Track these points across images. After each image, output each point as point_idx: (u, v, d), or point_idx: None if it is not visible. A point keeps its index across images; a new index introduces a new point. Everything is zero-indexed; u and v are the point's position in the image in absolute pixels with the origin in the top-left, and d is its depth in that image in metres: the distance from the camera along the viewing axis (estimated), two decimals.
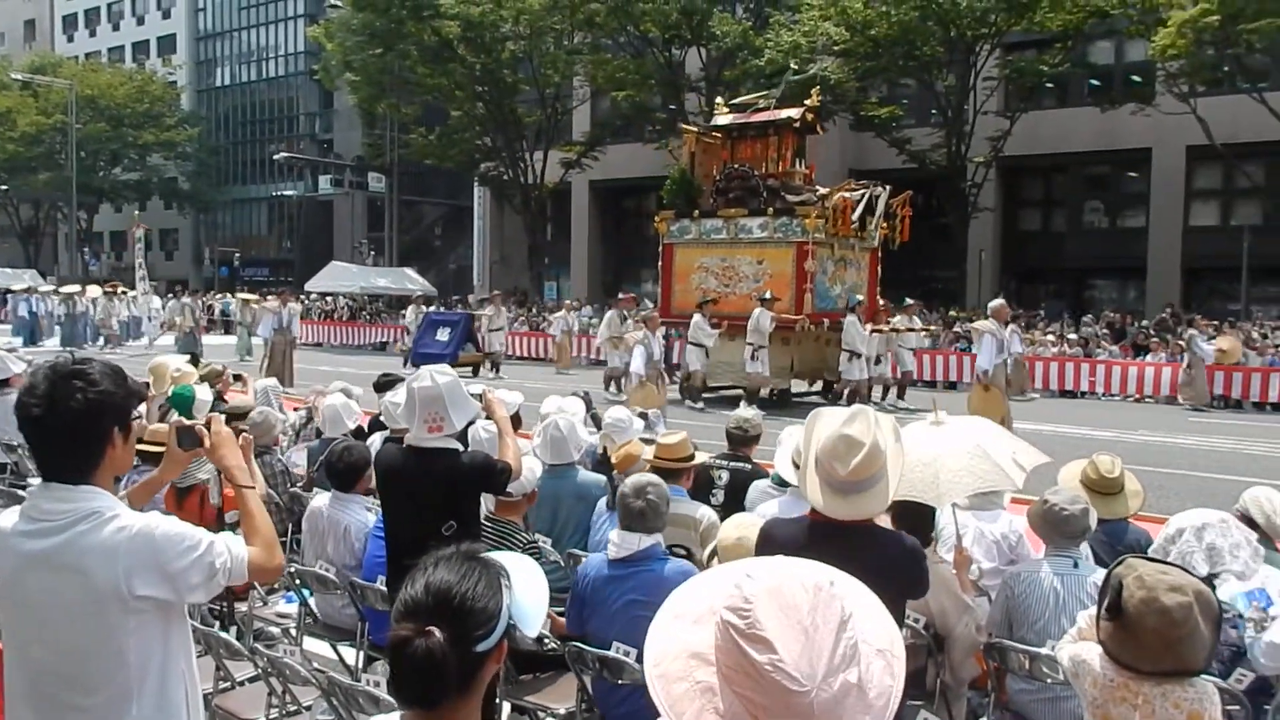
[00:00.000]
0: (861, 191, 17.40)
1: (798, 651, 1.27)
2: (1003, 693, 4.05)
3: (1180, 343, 21.55)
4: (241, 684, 4.27)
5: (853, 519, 2.84)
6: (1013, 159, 31.82)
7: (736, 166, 17.44)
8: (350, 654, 5.01)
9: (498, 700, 4.25)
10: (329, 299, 38.21)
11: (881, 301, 18.55)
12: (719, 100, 19.44)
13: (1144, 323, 25.53)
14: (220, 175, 63.08)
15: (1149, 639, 2.61)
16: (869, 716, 1.32)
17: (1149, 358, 21.07)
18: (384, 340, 32.01)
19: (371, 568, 4.78)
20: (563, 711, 4.24)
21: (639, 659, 3.68)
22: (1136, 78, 31.56)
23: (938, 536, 4.73)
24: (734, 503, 5.59)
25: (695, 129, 18.69)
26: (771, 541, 3.09)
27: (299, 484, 6.60)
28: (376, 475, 4.39)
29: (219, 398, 7.90)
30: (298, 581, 5.13)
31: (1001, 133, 30.19)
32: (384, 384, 7.37)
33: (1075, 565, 3.92)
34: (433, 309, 28.23)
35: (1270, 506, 4.36)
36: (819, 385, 18.11)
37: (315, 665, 4.25)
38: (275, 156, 53.02)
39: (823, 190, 17.21)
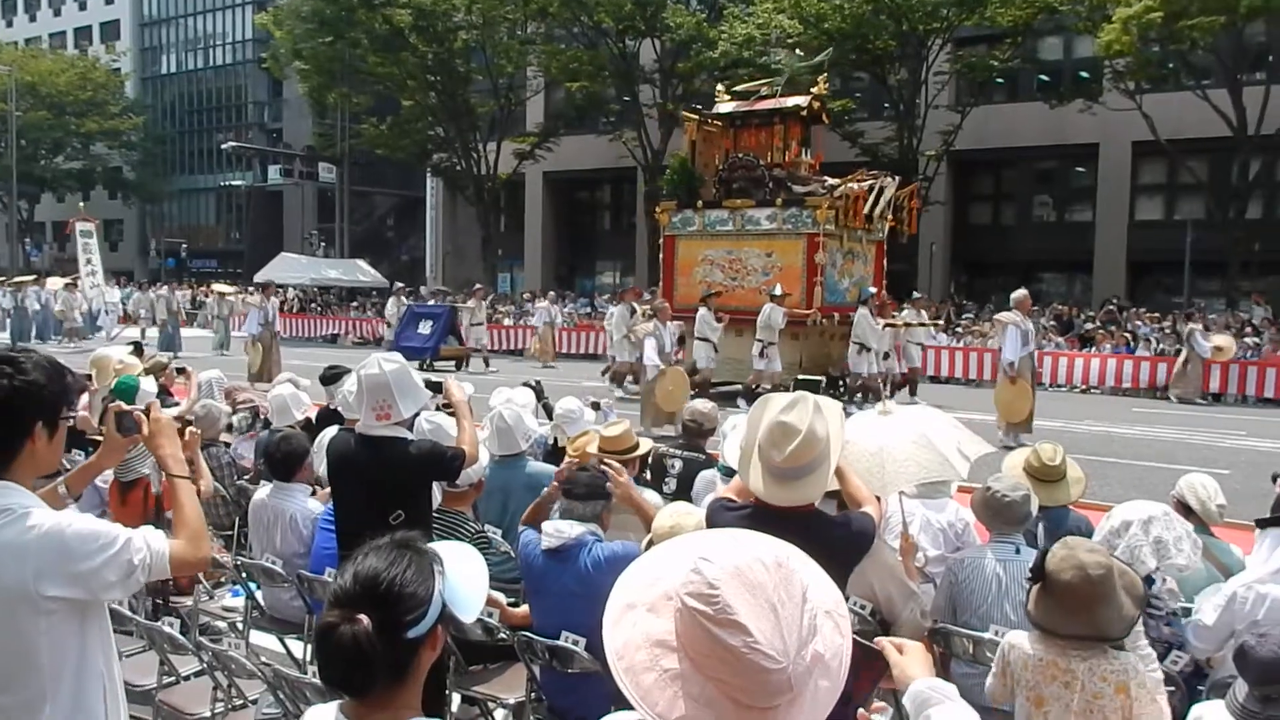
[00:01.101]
0: (869, 182, 16.92)
1: (770, 630, 1.28)
2: (947, 676, 4.11)
3: (1126, 334, 22.03)
4: (186, 678, 4.22)
5: (792, 505, 2.87)
6: (963, 153, 32.21)
7: (741, 156, 16.80)
8: (298, 647, 4.97)
9: (447, 691, 4.24)
10: (279, 290, 37.75)
11: (886, 295, 17.92)
12: (720, 87, 18.64)
13: (1090, 313, 25.97)
14: (166, 165, 61.98)
15: (1065, 596, 2.72)
16: (828, 679, 1.34)
17: (1095, 349, 21.44)
18: (334, 332, 31.68)
19: (319, 559, 4.74)
20: (512, 701, 4.24)
21: (588, 648, 3.70)
22: (1084, 74, 32.04)
23: (885, 524, 4.79)
24: (686, 491, 5.63)
25: (696, 116, 17.92)
26: (715, 528, 3.12)
27: (246, 476, 6.53)
28: (328, 464, 4.36)
29: (164, 391, 7.78)
30: (244, 575, 5.08)
31: (952, 127, 30.53)
32: (330, 376, 7.28)
33: (1017, 551, 3.99)
34: (415, 301, 27.64)
35: (1205, 493, 4.46)
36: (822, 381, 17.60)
37: (262, 659, 4.21)
38: (223, 146, 52.28)
39: (831, 180, 16.72)
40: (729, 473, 5.11)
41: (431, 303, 27.51)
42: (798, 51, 20.08)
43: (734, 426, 4.97)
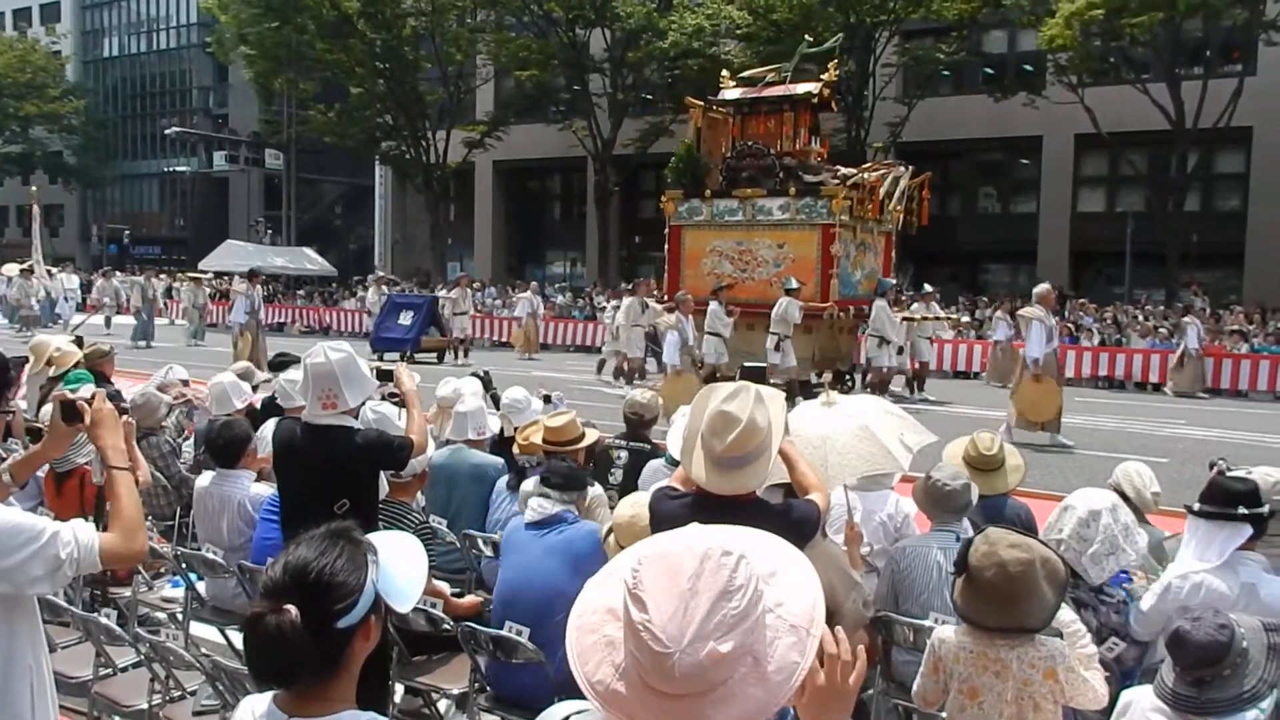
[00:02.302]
0: (883, 171, 16.50)
1: (668, 614, 1.31)
2: (889, 664, 4.17)
3: (1069, 324, 22.40)
4: (124, 670, 4.16)
5: (733, 493, 2.90)
6: (910, 145, 32.48)
7: (749, 144, 16.10)
8: (240, 638, 4.91)
9: (391, 682, 4.22)
10: (224, 279, 37.18)
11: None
12: (724, 73, 17.95)
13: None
14: (109, 149, 60.73)
15: (988, 592, 2.78)
16: (762, 689, 1.34)
17: None
18: (281, 321, 31.29)
19: (261, 550, 4.68)
20: (455, 692, 4.23)
21: (531, 638, 3.71)
22: (1028, 67, 32.51)
23: (828, 515, 4.83)
24: (632, 482, 5.63)
25: (701, 103, 17.23)
26: (657, 516, 3.14)
27: (187, 466, 6.43)
28: (274, 452, 4.31)
29: (105, 379, 7.63)
30: (184, 566, 5.01)
31: (900, 119, 30.82)
32: (279, 364, 7.18)
33: (958, 539, 4.03)
34: (395, 290, 26.71)
35: (1140, 481, 4.56)
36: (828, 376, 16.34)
37: (202, 650, 4.17)
38: (167, 131, 51.24)
39: (845, 170, 16.25)
40: (675, 463, 5.13)
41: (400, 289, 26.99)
42: (807, 37, 19.42)
43: (683, 414, 4.98)
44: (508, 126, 37.93)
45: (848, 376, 16.58)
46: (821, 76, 16.37)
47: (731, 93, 16.82)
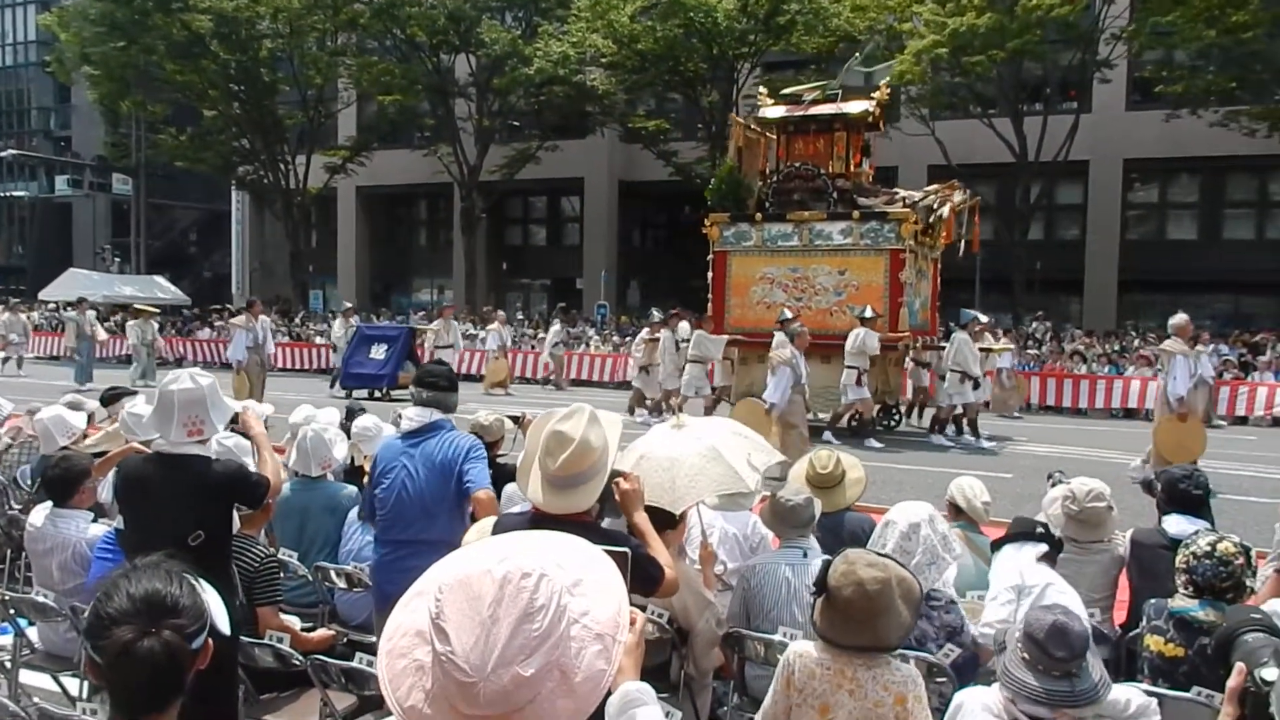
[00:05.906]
0: (944, 193, 15.60)
1: (470, 644, 1.32)
2: (743, 679, 4.23)
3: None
4: None
5: (565, 513, 2.93)
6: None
7: (798, 165, 15.14)
8: (74, 684, 4.68)
9: None
10: (70, 309, 35.42)
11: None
12: (762, 90, 17.03)
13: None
14: None
15: (847, 609, 2.86)
16: (571, 700, 1.36)
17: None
18: (127, 353, 29.91)
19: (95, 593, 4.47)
20: None
21: (416, 540, 3.67)
22: None
23: (686, 535, 4.89)
24: None
25: (742, 121, 16.21)
26: (498, 528, 3.17)
27: (18, 506, 6.10)
28: (119, 485, 4.10)
29: None
30: (12, 611, 4.74)
31: None
32: (111, 398, 6.89)
33: (804, 555, 4.15)
34: (365, 322, 24.84)
35: (971, 493, 4.79)
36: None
37: (34, 700, 3.95)
38: (2, 154, 48.73)
39: (903, 192, 15.56)
40: None
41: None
42: (856, 55, 18.04)
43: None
44: (370, 152, 37.39)
45: (895, 411, 15.92)
46: (873, 95, 15.56)
47: (774, 111, 15.82)
